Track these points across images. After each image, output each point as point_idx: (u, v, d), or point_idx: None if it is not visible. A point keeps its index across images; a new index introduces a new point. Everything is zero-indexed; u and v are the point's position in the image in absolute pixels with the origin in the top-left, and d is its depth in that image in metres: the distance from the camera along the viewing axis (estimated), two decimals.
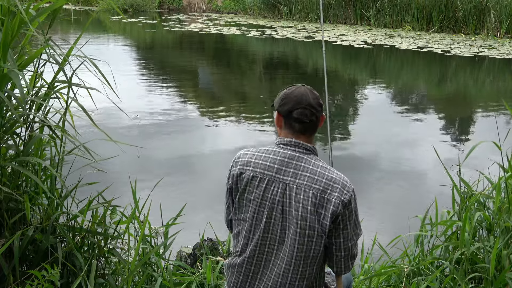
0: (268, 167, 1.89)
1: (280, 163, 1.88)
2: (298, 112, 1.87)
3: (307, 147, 1.90)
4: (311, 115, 1.87)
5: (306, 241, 1.84)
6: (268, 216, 1.88)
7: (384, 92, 10.27)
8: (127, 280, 2.55)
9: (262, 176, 1.89)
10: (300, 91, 1.90)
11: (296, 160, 1.88)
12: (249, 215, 1.92)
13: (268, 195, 1.88)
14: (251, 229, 1.93)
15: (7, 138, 2.41)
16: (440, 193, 3.26)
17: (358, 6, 18.91)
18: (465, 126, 7.98)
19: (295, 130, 1.90)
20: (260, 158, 1.92)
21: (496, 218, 2.73)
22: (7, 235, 2.32)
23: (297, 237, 1.84)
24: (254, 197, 1.90)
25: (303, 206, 1.82)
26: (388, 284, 2.92)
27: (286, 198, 1.85)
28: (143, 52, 15.16)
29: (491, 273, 2.45)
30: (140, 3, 24.00)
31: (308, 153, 1.90)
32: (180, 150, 6.29)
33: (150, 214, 2.86)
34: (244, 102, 9.42)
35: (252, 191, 1.91)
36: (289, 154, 1.89)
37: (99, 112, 7.59)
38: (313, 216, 1.82)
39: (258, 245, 1.91)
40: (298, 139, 1.90)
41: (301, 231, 1.83)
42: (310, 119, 1.88)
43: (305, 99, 1.88)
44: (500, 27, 16.03)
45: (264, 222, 1.89)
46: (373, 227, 3.95)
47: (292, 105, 1.88)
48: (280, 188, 1.86)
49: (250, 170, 1.91)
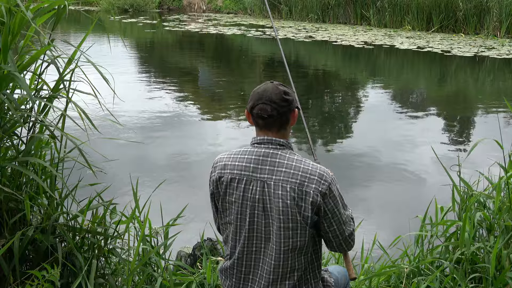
0: (245, 167, 1.91)
1: (255, 161, 1.90)
2: (258, 107, 1.88)
3: (280, 143, 1.91)
4: (272, 110, 1.86)
5: (291, 234, 1.86)
6: (250, 215, 1.90)
7: (384, 92, 10.27)
8: (127, 280, 2.55)
9: (239, 177, 1.91)
10: (264, 87, 1.91)
11: (271, 157, 1.89)
12: (233, 217, 1.94)
13: (248, 194, 1.89)
14: (237, 230, 1.94)
15: (7, 139, 2.41)
16: (440, 193, 3.25)
17: (358, 6, 18.91)
18: (465, 126, 7.98)
19: (260, 127, 1.92)
20: (236, 159, 1.94)
21: (496, 218, 2.72)
22: (7, 235, 2.32)
23: (282, 231, 1.86)
24: (235, 198, 1.92)
25: (282, 201, 1.84)
26: (388, 284, 2.92)
27: (265, 195, 1.87)
28: (143, 52, 15.16)
29: (491, 273, 2.45)
30: (140, 3, 24.00)
31: (282, 149, 1.91)
32: (180, 150, 6.29)
33: (150, 215, 2.86)
34: (244, 102, 9.42)
35: (232, 193, 1.93)
36: (263, 151, 1.91)
37: (99, 112, 7.60)
38: (294, 209, 1.83)
39: (245, 245, 1.93)
40: (269, 136, 1.91)
41: (284, 225, 1.85)
42: (269, 114, 1.87)
43: (266, 94, 1.88)
44: (500, 27, 16.03)
45: (248, 221, 1.90)
46: (373, 227, 3.95)
47: (254, 101, 1.90)
48: (258, 186, 1.88)
49: (228, 173, 1.93)
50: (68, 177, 2.59)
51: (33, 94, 2.49)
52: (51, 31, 2.46)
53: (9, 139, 2.42)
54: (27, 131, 2.45)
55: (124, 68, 11.54)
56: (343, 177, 5.50)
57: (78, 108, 2.44)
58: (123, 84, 9.93)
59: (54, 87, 2.48)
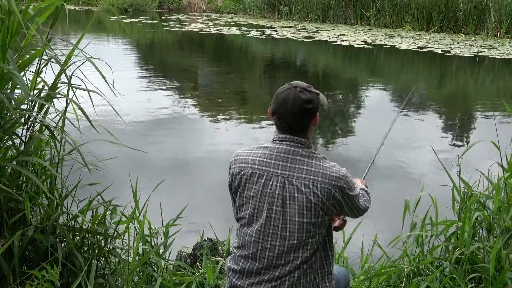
0: (266, 163, 1.94)
1: (277, 158, 1.94)
2: (278, 116, 1.95)
3: (301, 142, 1.95)
4: (291, 121, 1.93)
5: (312, 228, 1.91)
6: (268, 210, 1.92)
7: (384, 92, 10.27)
8: (127, 280, 2.55)
9: (260, 172, 1.94)
10: (287, 95, 1.94)
11: (292, 154, 1.94)
12: (250, 211, 1.96)
13: (267, 190, 1.93)
14: (253, 224, 1.96)
15: (7, 138, 2.41)
16: (440, 193, 3.25)
17: (358, 6, 18.90)
18: (465, 126, 7.98)
19: (283, 129, 1.97)
20: (257, 155, 1.98)
21: (496, 218, 2.72)
22: (6, 235, 2.32)
23: (305, 226, 1.90)
24: (254, 193, 1.95)
25: (306, 197, 1.89)
26: (388, 284, 2.92)
27: (286, 191, 1.91)
28: (143, 52, 15.16)
29: (491, 273, 2.45)
30: (140, 3, 23.99)
31: (303, 147, 1.95)
32: (180, 150, 6.29)
33: (150, 215, 2.86)
34: (244, 102, 9.43)
35: (251, 187, 1.96)
36: (285, 148, 1.95)
37: (99, 111, 7.59)
38: (317, 205, 1.89)
39: (260, 240, 1.94)
40: (291, 135, 1.96)
41: (308, 221, 1.90)
42: (288, 125, 1.94)
43: (287, 104, 1.93)
44: (500, 27, 16.03)
45: (265, 217, 1.93)
46: (373, 227, 3.95)
47: (275, 107, 1.96)
48: (279, 182, 1.92)
49: (249, 167, 1.97)
50: (67, 177, 2.58)
51: (33, 93, 2.49)
52: (49, 29, 2.45)
53: (10, 139, 2.42)
54: (25, 131, 2.45)
55: (124, 68, 11.53)
56: None
57: (75, 107, 2.44)
58: (123, 83, 9.92)
59: (52, 84, 2.47)
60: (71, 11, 24.11)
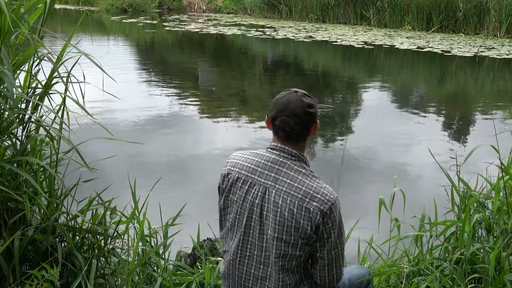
0: (252, 170, 1.89)
1: (263, 166, 1.88)
2: (280, 119, 1.85)
3: (292, 153, 1.88)
4: (294, 124, 1.84)
5: (283, 247, 1.82)
6: (248, 219, 1.88)
7: (383, 92, 10.27)
8: (126, 280, 2.55)
9: (245, 178, 1.90)
10: (288, 98, 1.86)
11: (279, 165, 1.87)
12: (232, 215, 1.94)
13: (249, 197, 1.88)
14: (234, 230, 1.95)
15: (6, 138, 2.40)
16: (439, 193, 3.26)
17: (358, 6, 18.91)
18: (465, 127, 7.99)
19: (280, 137, 1.89)
20: (247, 160, 1.93)
21: (496, 218, 2.73)
22: (5, 236, 2.32)
23: (275, 242, 1.83)
24: (237, 198, 1.91)
25: (280, 211, 1.81)
26: (388, 284, 2.92)
27: (265, 202, 1.85)
28: (143, 52, 15.16)
29: (490, 274, 2.45)
30: (139, 3, 23.98)
31: (293, 159, 1.88)
32: (179, 150, 6.29)
33: (149, 215, 2.86)
34: (244, 102, 9.43)
35: (235, 192, 1.92)
36: (273, 158, 1.88)
37: (97, 111, 7.61)
38: (290, 223, 1.80)
39: (239, 248, 1.92)
40: (284, 145, 1.88)
41: (278, 236, 1.82)
42: (291, 128, 1.84)
43: (290, 107, 1.84)
44: (500, 27, 16.03)
45: (244, 225, 1.90)
46: (372, 227, 3.95)
47: (276, 112, 1.86)
48: (260, 191, 1.86)
49: (236, 171, 1.93)
50: (63, 175, 2.57)
51: (28, 92, 2.48)
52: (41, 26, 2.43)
53: (9, 139, 2.41)
54: (21, 130, 2.44)
55: (124, 68, 11.54)
56: (341, 176, 5.50)
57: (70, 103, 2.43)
58: (123, 83, 9.93)
59: (46, 82, 2.46)
60: (71, 11, 24.13)
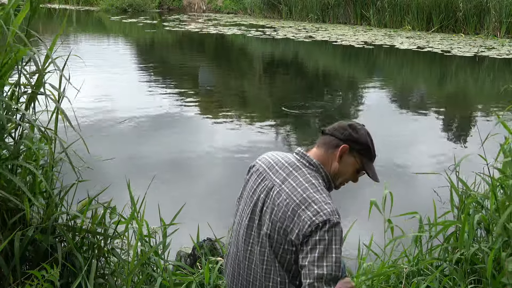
0: (270, 166, 1.93)
1: (280, 165, 1.92)
2: (330, 126, 2.02)
3: (311, 162, 1.90)
4: (333, 129, 1.96)
5: (275, 245, 1.82)
6: (252, 212, 1.90)
7: (383, 92, 10.27)
8: (126, 280, 2.56)
9: (262, 171, 1.94)
10: (353, 122, 2.03)
11: (293, 168, 1.89)
12: (241, 206, 1.98)
13: (258, 190, 1.91)
14: (238, 226, 1.98)
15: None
16: (439, 193, 3.26)
17: (358, 6, 18.90)
18: (464, 127, 7.99)
19: (317, 141, 2.00)
20: (272, 157, 1.99)
21: (494, 219, 2.73)
22: (1, 238, 2.32)
23: (266, 239, 1.83)
24: (249, 189, 1.95)
25: (276, 211, 1.81)
26: (388, 284, 2.93)
27: (268, 198, 1.86)
28: (143, 52, 15.17)
29: (488, 275, 2.46)
30: (139, 3, 23.97)
31: (309, 168, 1.88)
32: (179, 150, 6.29)
33: (149, 215, 2.86)
34: (244, 102, 9.43)
35: (250, 182, 1.97)
36: (291, 161, 1.92)
37: (94, 111, 7.62)
38: (282, 224, 1.79)
39: (242, 240, 1.93)
40: (309, 152, 1.95)
41: (270, 234, 1.82)
42: (325, 130, 1.97)
43: (344, 122, 2.00)
44: (500, 27, 16.03)
45: (248, 217, 1.91)
46: (371, 227, 3.95)
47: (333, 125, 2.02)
48: (267, 186, 1.88)
49: (259, 164, 1.99)
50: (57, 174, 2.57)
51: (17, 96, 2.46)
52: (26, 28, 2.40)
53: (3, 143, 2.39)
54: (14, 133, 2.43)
55: (124, 68, 11.55)
56: None
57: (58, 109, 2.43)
58: (123, 83, 9.94)
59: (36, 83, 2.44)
60: (71, 11, 24.13)
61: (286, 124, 7.62)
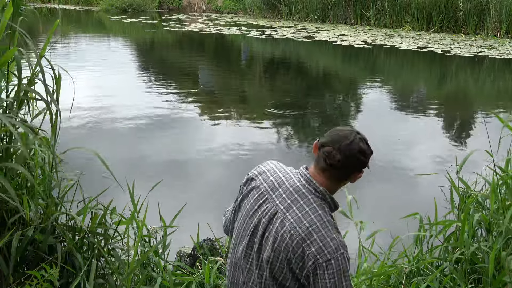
0: (274, 187, 1.82)
1: (284, 189, 1.81)
2: (327, 150, 1.75)
3: (318, 189, 1.78)
4: (338, 161, 1.73)
5: (276, 271, 1.77)
6: (253, 233, 1.83)
7: (383, 92, 10.27)
8: (126, 280, 2.56)
9: (264, 191, 1.83)
10: (346, 134, 1.77)
11: (298, 195, 1.78)
12: (239, 224, 1.89)
13: (259, 212, 1.82)
14: (237, 241, 1.90)
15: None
16: (438, 193, 3.26)
17: (358, 6, 18.90)
18: (464, 127, 7.99)
19: (318, 166, 1.80)
20: (274, 175, 1.86)
21: (495, 218, 2.73)
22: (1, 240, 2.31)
23: (268, 265, 1.78)
24: (249, 207, 1.86)
25: (279, 241, 1.74)
26: (388, 284, 2.92)
27: (270, 224, 1.78)
28: (142, 52, 15.17)
29: (489, 274, 2.46)
30: (139, 3, 23.97)
31: (315, 195, 1.78)
32: (179, 150, 6.29)
33: (148, 216, 2.86)
34: (244, 102, 9.43)
35: (250, 200, 1.86)
36: (296, 186, 1.80)
37: (95, 111, 7.62)
38: (285, 255, 1.73)
39: (241, 256, 1.87)
40: (315, 177, 1.79)
41: (272, 262, 1.77)
42: (333, 164, 1.74)
43: (344, 143, 1.75)
44: (500, 27, 16.03)
45: (248, 239, 1.84)
46: (370, 227, 3.95)
47: (327, 141, 1.77)
48: (270, 211, 1.79)
49: (260, 181, 1.86)
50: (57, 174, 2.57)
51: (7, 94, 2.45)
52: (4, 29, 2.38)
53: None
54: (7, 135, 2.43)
55: (124, 68, 11.55)
56: None
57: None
58: (122, 83, 9.93)
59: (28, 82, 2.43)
60: (71, 11, 24.12)
61: (286, 124, 7.62)
